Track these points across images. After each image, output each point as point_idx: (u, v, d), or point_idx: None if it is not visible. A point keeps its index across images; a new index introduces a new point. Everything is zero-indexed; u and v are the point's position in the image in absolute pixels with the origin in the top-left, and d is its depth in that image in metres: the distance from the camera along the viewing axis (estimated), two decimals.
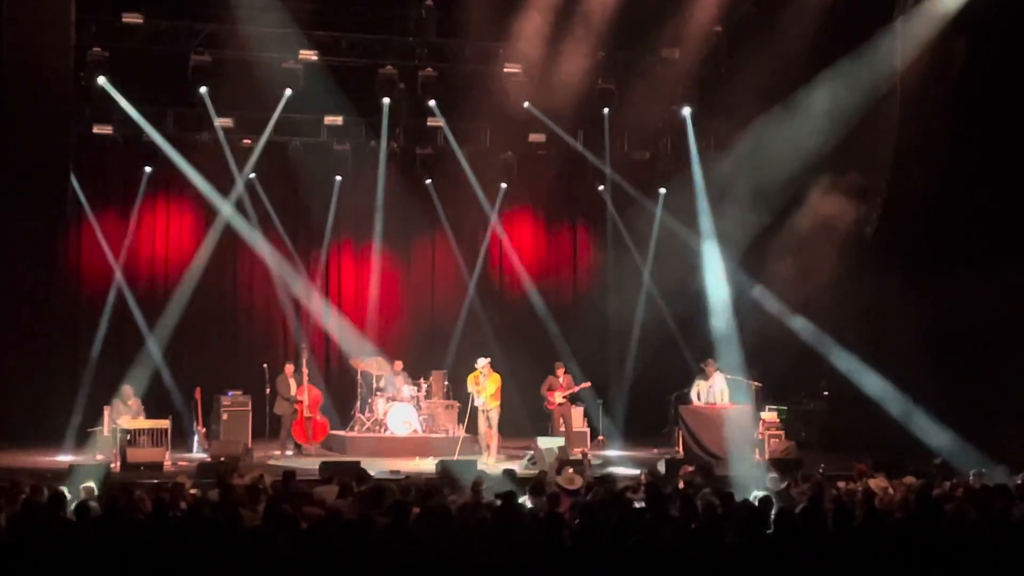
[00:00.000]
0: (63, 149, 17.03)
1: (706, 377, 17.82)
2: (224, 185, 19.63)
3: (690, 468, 11.97)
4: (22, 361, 18.81)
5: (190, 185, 19.50)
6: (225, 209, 19.60)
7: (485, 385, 17.06)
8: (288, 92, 18.38)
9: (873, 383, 17.17)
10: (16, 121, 16.00)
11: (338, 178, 20.14)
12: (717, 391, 17.75)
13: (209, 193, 19.56)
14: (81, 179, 18.72)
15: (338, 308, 20.90)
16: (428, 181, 20.53)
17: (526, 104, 19.09)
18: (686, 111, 19.57)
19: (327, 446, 17.93)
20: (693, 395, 17.81)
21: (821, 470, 13.64)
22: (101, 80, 17.49)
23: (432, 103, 19.18)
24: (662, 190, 20.77)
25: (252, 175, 19.60)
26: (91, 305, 19.57)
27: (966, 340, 16.77)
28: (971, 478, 11.50)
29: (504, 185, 20.84)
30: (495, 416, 17.12)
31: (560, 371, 18.24)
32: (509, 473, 11.96)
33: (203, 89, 18.14)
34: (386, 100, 19.02)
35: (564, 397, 18.09)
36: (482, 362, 17.23)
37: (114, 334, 19.48)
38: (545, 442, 16.66)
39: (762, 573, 7.45)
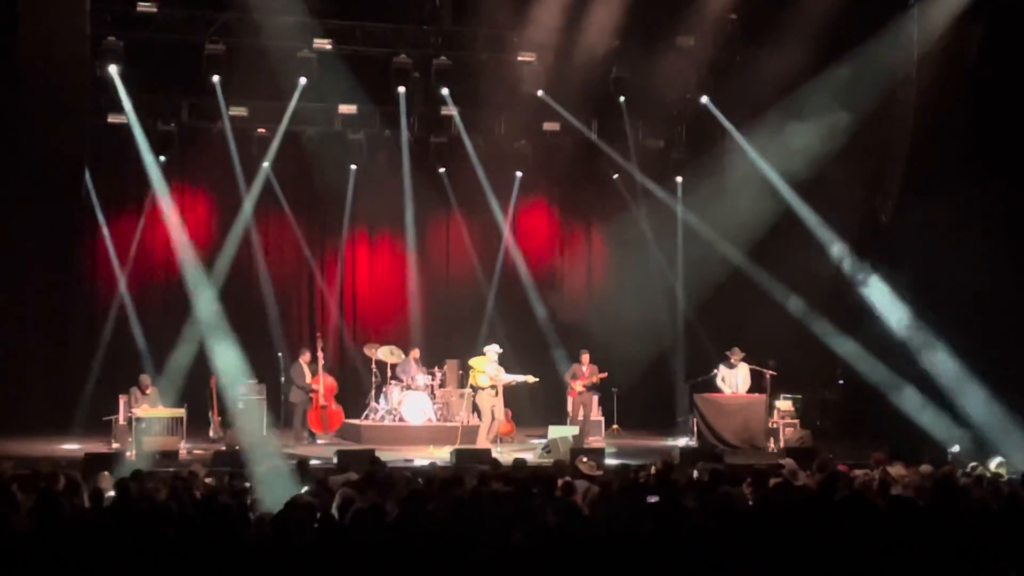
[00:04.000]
0: (79, 138, 17.07)
1: (731, 365, 17.82)
2: (238, 175, 19.66)
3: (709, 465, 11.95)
4: (37, 349, 18.89)
5: (204, 174, 19.52)
6: (239, 198, 19.66)
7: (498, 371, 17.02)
8: (303, 81, 18.38)
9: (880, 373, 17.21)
10: (32, 110, 16.05)
11: (353, 167, 20.13)
12: (740, 380, 17.77)
13: (223, 183, 19.62)
14: (95, 168, 18.74)
15: (352, 297, 20.93)
16: (442, 170, 20.50)
17: (540, 92, 19.04)
18: (704, 99, 19.47)
19: (342, 435, 17.96)
20: (719, 382, 17.84)
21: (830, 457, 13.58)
22: (112, 69, 17.46)
23: (445, 91, 19.12)
24: (678, 179, 20.73)
25: (266, 164, 19.61)
26: (106, 293, 19.62)
27: (977, 330, 16.66)
28: (994, 466, 11.45)
29: (519, 174, 20.82)
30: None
31: (585, 359, 18.21)
32: (521, 462, 11.94)
33: (215, 78, 18.13)
34: (401, 89, 18.99)
35: (584, 386, 18.08)
36: (495, 349, 17.19)
37: (128, 323, 19.53)
38: (557, 431, 16.67)
39: (775, 560, 7.43)
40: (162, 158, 19.26)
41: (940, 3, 16.73)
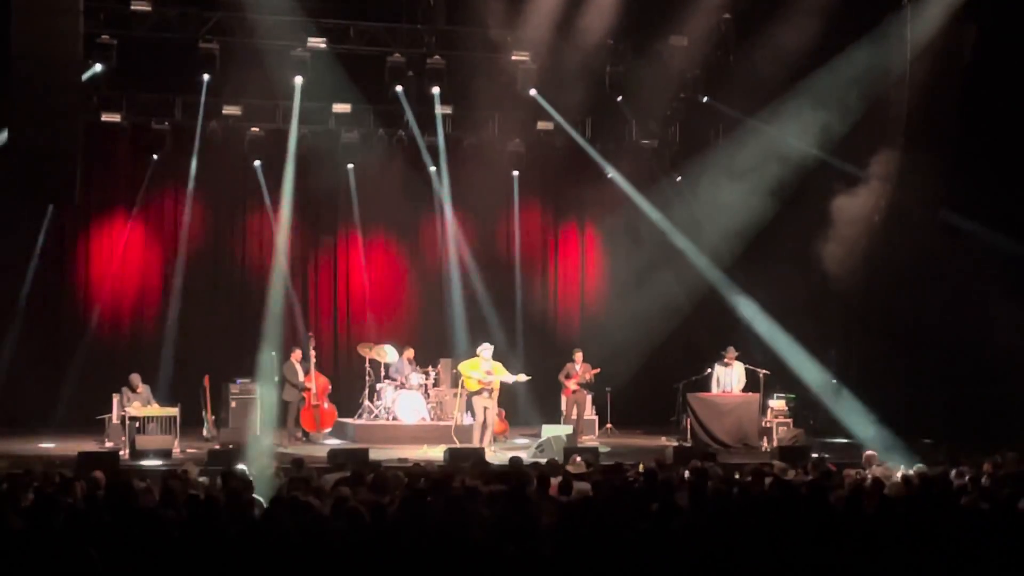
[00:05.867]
0: (71, 137, 17.03)
1: (726, 364, 17.85)
2: (233, 173, 19.68)
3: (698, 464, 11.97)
4: (28, 348, 18.85)
5: (198, 172, 19.51)
6: (233, 197, 19.69)
7: (492, 369, 16.97)
8: (300, 80, 18.38)
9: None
10: (24, 108, 16.01)
11: (350, 166, 20.12)
12: (735, 379, 17.80)
13: (217, 181, 19.66)
14: (89, 166, 18.69)
15: (346, 296, 20.91)
16: (432, 168, 20.48)
17: (532, 92, 19.03)
18: (706, 99, 19.50)
19: (335, 434, 17.95)
20: (713, 382, 17.87)
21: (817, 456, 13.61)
22: (98, 67, 17.44)
23: (436, 91, 19.09)
24: (673, 177, 20.75)
25: (257, 163, 19.61)
26: (98, 291, 19.62)
27: (978, 331, 16.69)
28: (985, 465, 11.45)
29: (516, 173, 20.82)
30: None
31: (578, 357, 18.20)
32: (516, 461, 11.95)
33: (205, 77, 18.12)
34: (399, 88, 18.99)
35: (578, 384, 18.07)
36: (487, 348, 17.15)
37: (121, 321, 19.56)
38: (551, 430, 16.67)
39: (766, 559, 7.45)
40: (155, 156, 19.30)
41: (934, 2, 16.75)
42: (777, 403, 17.66)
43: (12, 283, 18.84)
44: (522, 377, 17.28)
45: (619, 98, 19.64)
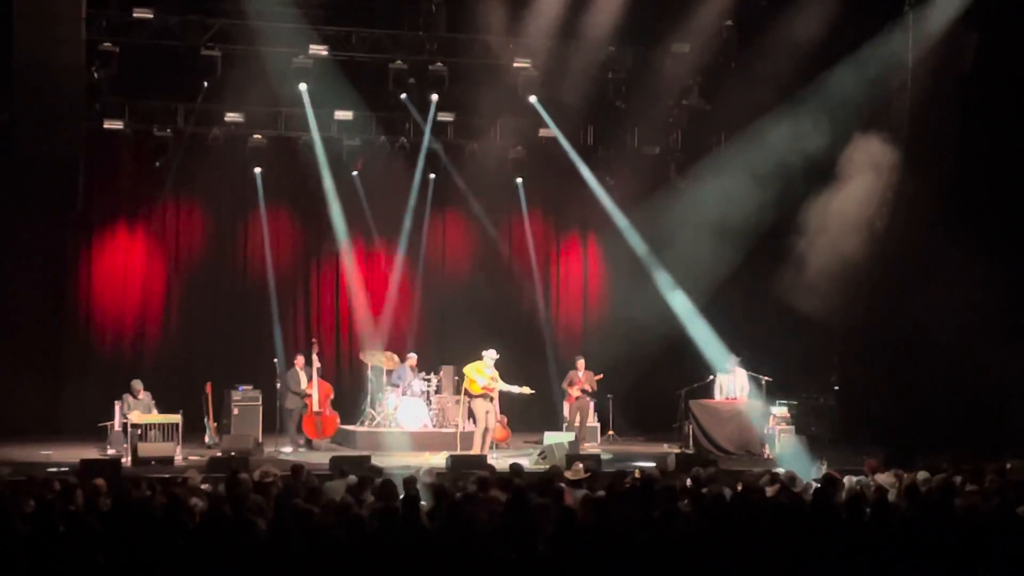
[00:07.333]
0: (74, 144, 17.08)
1: (728, 371, 17.85)
2: (235, 180, 19.69)
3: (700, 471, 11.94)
4: (30, 355, 18.87)
5: (200, 180, 19.53)
6: (236, 204, 19.71)
7: (495, 376, 16.95)
8: (304, 87, 18.40)
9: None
10: (27, 116, 16.07)
11: (354, 173, 20.14)
12: (738, 386, 17.81)
13: (220, 188, 19.67)
14: (91, 174, 18.75)
15: (349, 303, 20.91)
16: (431, 175, 20.48)
17: (532, 99, 19.04)
18: (707, 106, 19.54)
19: (337, 441, 17.95)
20: (716, 389, 17.87)
21: (823, 464, 13.61)
22: (98, 75, 17.47)
23: (434, 97, 19.11)
24: (675, 183, 20.75)
25: (258, 170, 19.62)
26: (100, 298, 19.64)
27: (973, 338, 16.68)
28: (987, 473, 11.41)
29: (520, 180, 20.82)
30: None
31: (580, 365, 18.20)
32: (516, 467, 11.93)
33: (205, 84, 18.15)
34: (403, 95, 19.00)
35: (582, 391, 18.07)
36: (492, 355, 17.12)
37: (123, 327, 19.57)
38: (553, 437, 16.66)
39: (772, 565, 7.45)
40: (158, 163, 19.33)
41: (935, 10, 16.77)
42: (779, 410, 17.65)
43: (14, 290, 18.85)
44: (525, 390, 17.26)
45: (621, 105, 19.63)
